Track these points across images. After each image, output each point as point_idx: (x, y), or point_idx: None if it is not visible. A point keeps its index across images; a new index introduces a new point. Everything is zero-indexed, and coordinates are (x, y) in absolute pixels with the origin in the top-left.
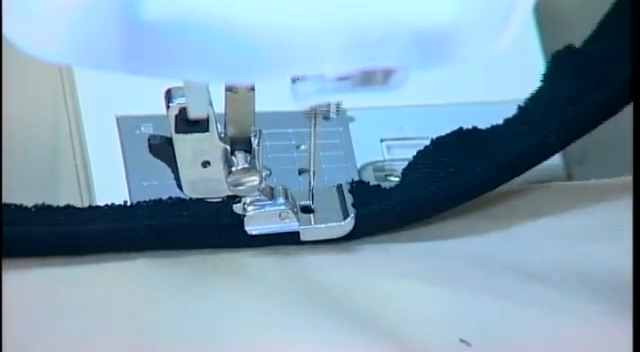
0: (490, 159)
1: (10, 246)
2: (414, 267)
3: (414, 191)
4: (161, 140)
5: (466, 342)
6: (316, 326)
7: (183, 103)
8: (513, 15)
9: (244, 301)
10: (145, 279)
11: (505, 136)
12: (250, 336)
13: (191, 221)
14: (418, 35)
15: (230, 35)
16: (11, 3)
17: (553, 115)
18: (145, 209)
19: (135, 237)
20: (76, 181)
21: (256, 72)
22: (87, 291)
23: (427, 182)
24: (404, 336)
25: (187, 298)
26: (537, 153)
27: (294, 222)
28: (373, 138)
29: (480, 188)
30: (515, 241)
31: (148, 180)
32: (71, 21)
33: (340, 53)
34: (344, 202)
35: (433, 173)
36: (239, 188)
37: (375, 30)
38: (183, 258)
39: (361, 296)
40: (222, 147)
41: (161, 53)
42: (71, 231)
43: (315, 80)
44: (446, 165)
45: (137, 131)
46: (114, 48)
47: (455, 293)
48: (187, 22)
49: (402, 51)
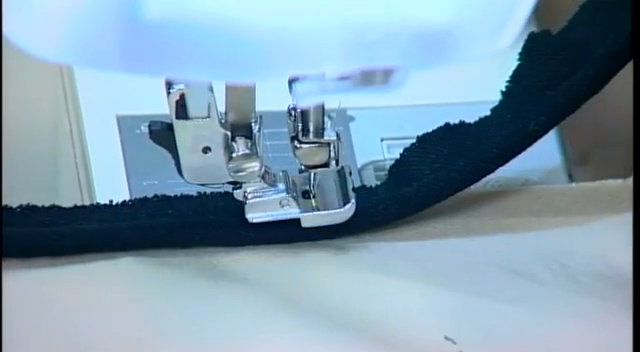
0: (473, 151)
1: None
2: (399, 265)
3: (398, 188)
4: (161, 126)
5: (451, 340)
6: (302, 325)
7: (183, 89)
8: (514, 14)
9: (229, 301)
10: (130, 279)
11: (489, 126)
12: (234, 335)
13: (176, 220)
14: (419, 34)
15: (230, 34)
16: (11, 3)
17: (533, 101)
18: (130, 208)
19: (120, 237)
20: (77, 180)
21: (256, 71)
22: (72, 292)
23: (412, 179)
24: (390, 333)
25: (173, 298)
26: (518, 141)
27: (294, 209)
28: (373, 137)
29: (463, 182)
30: (499, 239)
31: (148, 179)
32: (71, 21)
33: (340, 53)
34: (345, 187)
35: (419, 170)
36: (240, 174)
37: (376, 29)
38: (169, 258)
39: (348, 295)
40: (223, 133)
41: (161, 52)
42: (55, 232)
43: (315, 80)
44: (432, 161)
45: (137, 130)
46: (114, 48)
47: (441, 291)
48: (187, 21)
49: (403, 50)
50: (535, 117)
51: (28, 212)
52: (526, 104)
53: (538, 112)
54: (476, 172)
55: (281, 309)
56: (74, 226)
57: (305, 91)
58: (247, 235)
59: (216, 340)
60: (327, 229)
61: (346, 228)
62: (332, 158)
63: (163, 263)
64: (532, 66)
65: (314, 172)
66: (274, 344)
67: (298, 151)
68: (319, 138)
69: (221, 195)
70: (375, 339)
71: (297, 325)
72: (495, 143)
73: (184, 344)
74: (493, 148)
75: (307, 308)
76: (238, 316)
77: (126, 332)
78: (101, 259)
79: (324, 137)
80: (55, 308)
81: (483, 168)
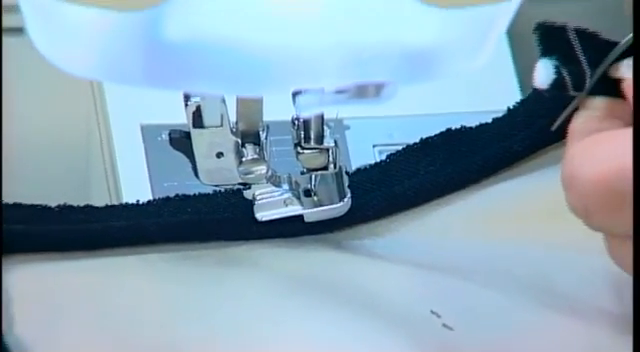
0: (464, 160)
1: (35, 242)
2: (391, 253)
3: (391, 187)
4: (180, 134)
5: (436, 313)
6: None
7: (199, 102)
8: (489, 36)
9: (243, 285)
10: (155, 268)
11: (486, 138)
12: (248, 312)
13: (194, 217)
14: (406, 53)
15: (240, 54)
16: (49, 27)
17: (526, 124)
18: (153, 207)
19: (145, 232)
20: (106, 182)
21: (264, 86)
22: (104, 279)
23: (405, 177)
24: (382, 305)
25: (193, 284)
26: (502, 158)
27: (298, 207)
28: (366, 144)
29: (448, 187)
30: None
31: (169, 181)
32: (101, 42)
33: (337, 69)
34: (341, 185)
35: (416, 170)
36: (249, 176)
37: (368, 49)
38: (189, 251)
39: (345, 274)
40: (234, 140)
41: (180, 70)
42: (89, 228)
43: (315, 93)
44: (428, 163)
45: (159, 138)
46: (138, 65)
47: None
48: (202, 42)
49: (392, 67)
50: (521, 140)
51: (65, 211)
52: (520, 125)
53: (526, 136)
54: (461, 181)
55: (286, 288)
56: (105, 223)
57: (306, 103)
58: (257, 230)
59: (232, 318)
60: (327, 223)
61: (343, 222)
62: (330, 162)
63: (184, 256)
64: (538, 95)
65: (315, 174)
66: (280, 315)
67: (301, 156)
68: (319, 145)
69: (233, 194)
70: (370, 310)
71: (300, 300)
72: (482, 156)
73: (204, 323)
74: (479, 160)
75: (308, 285)
76: (250, 297)
77: (152, 314)
78: (129, 252)
79: (323, 144)
80: (89, 293)
81: (467, 178)
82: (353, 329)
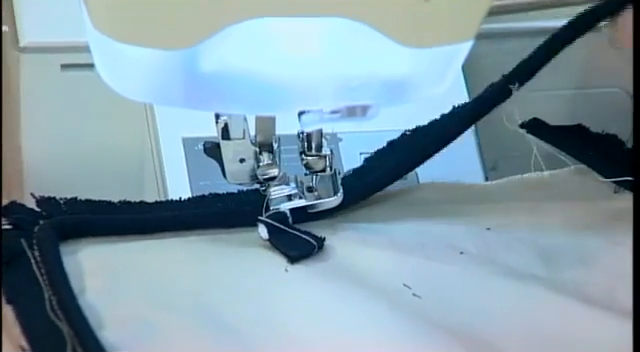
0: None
1: (101, 228)
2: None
3: (365, 177)
4: (212, 144)
5: (407, 286)
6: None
7: (226, 119)
8: (450, 68)
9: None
10: (194, 248)
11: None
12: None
13: (223, 209)
14: (386, 82)
15: (259, 82)
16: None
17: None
18: (193, 202)
19: (186, 221)
20: (155, 183)
21: (276, 107)
22: (154, 257)
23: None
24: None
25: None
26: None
27: (302, 201)
28: (355, 152)
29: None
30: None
31: (203, 181)
32: (151, 73)
33: (332, 95)
34: (336, 183)
35: (379, 166)
36: (264, 177)
37: (356, 79)
38: (220, 235)
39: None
40: (253, 149)
41: (212, 95)
42: (142, 218)
43: (316, 113)
44: (391, 159)
45: (196, 148)
46: (180, 91)
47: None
48: (229, 73)
49: (375, 93)
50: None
51: (124, 205)
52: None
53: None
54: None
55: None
56: (155, 214)
57: (309, 120)
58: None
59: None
60: (324, 212)
61: (336, 209)
62: (327, 166)
63: (215, 238)
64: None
65: (315, 175)
66: (287, 283)
67: (305, 161)
68: (319, 152)
69: (253, 192)
70: (353, 283)
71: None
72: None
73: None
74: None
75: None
76: (265, 268)
77: (191, 282)
78: (173, 235)
79: (322, 152)
80: (142, 267)
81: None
82: (344, 296)
